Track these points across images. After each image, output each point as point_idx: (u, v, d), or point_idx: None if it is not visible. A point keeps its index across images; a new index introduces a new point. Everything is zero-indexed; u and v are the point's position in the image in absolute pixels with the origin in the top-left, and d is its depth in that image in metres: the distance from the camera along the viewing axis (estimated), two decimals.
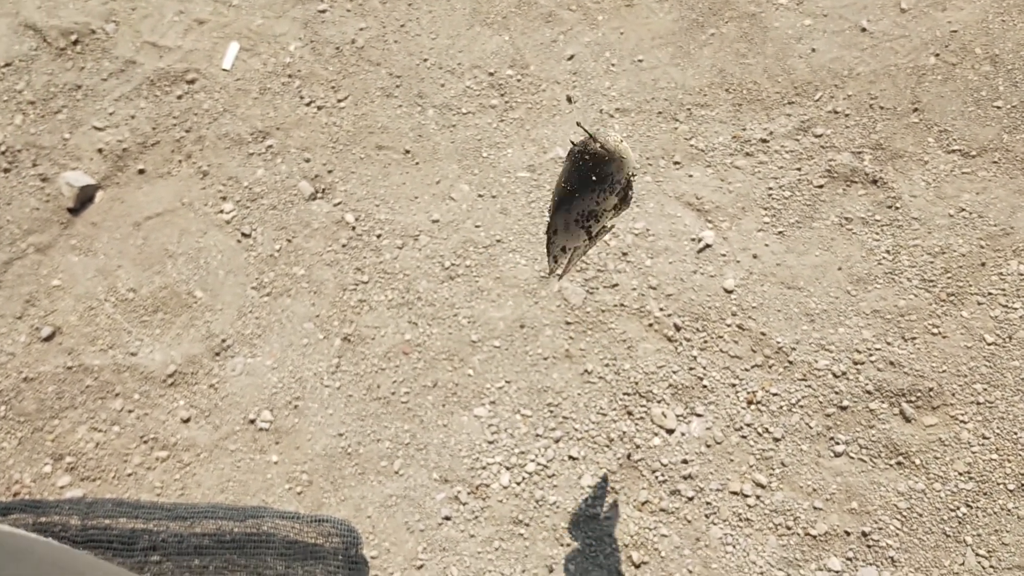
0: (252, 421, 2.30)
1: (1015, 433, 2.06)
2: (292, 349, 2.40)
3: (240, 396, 2.34)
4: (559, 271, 1.69)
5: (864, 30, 2.67)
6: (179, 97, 2.84)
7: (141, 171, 2.72)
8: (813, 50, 2.67)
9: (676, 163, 2.55)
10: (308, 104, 2.79)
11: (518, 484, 2.16)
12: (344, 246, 2.54)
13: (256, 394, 2.34)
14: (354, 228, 2.56)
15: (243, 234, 2.58)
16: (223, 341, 2.42)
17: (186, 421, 2.32)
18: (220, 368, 2.39)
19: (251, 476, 2.23)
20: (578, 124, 1.49)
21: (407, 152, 2.68)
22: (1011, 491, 2.00)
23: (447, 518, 2.13)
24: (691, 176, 2.53)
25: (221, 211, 2.63)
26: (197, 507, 2.12)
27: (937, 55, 2.59)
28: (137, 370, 2.39)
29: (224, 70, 2.87)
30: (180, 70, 2.88)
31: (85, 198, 2.69)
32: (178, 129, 2.78)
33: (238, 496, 2.21)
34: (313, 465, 2.23)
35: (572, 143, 1.51)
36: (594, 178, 1.50)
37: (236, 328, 2.44)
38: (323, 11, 2.97)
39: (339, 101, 2.79)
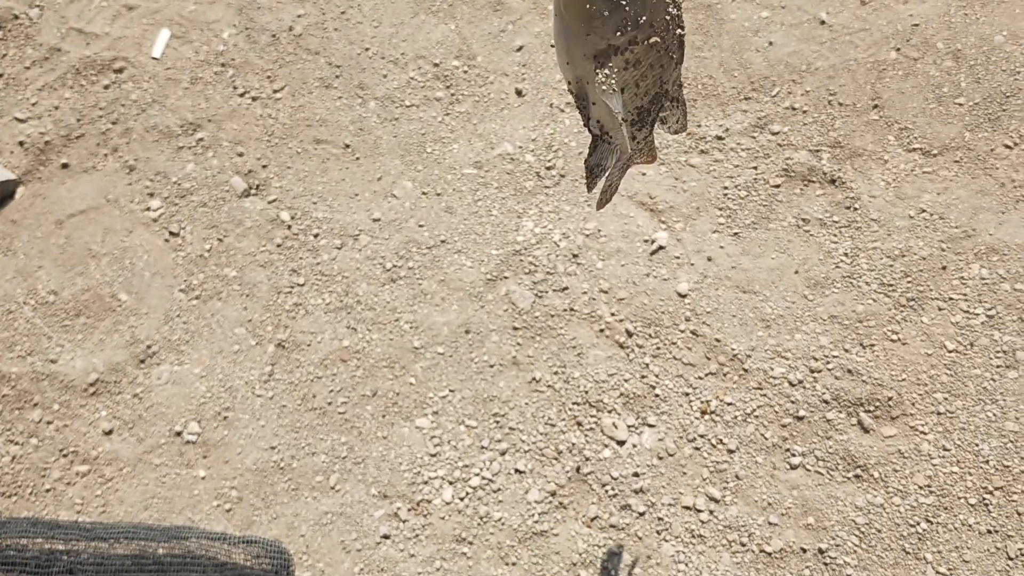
0: (179, 433, 2.16)
1: (976, 445, 1.98)
2: (222, 356, 2.26)
3: (166, 406, 2.20)
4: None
5: (823, 23, 2.58)
6: (106, 87, 2.68)
7: (64, 165, 2.56)
8: (770, 43, 2.58)
9: None
10: (242, 95, 2.64)
11: (461, 500, 2.05)
12: (279, 246, 2.40)
13: (183, 404, 2.20)
14: (290, 227, 2.43)
15: (171, 233, 2.43)
16: (148, 347, 2.28)
17: (108, 433, 2.18)
18: (145, 376, 2.24)
19: (177, 492, 2.10)
20: None
21: (347, 146, 2.55)
22: (972, 505, 1.93)
23: (386, 536, 2.02)
24: (644, 174, 2.42)
25: (148, 208, 2.48)
26: (119, 526, 2.03)
27: (898, 49, 2.50)
28: (57, 378, 2.25)
29: (154, 59, 2.72)
30: (107, 58, 2.71)
31: (4, 194, 2.53)
32: (104, 121, 2.62)
33: (163, 514, 2.07)
34: (243, 480, 2.10)
35: None
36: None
37: (163, 333, 2.30)
38: None
39: (275, 92, 2.64)
